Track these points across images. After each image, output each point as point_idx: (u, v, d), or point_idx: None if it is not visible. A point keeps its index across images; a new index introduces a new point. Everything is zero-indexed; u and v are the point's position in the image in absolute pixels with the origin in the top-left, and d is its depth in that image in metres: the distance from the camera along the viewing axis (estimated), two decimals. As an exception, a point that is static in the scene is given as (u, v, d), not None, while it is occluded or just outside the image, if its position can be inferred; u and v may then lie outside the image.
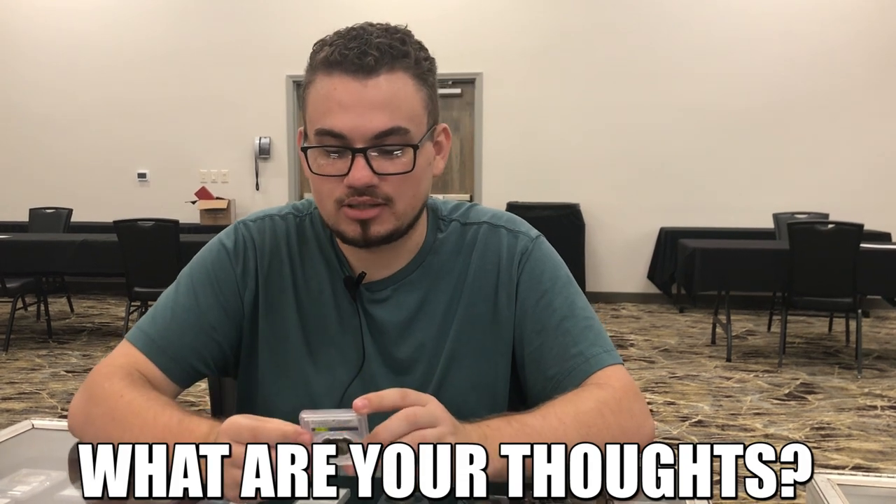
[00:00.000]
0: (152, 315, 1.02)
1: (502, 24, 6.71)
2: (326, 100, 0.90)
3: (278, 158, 7.12)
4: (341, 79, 0.89)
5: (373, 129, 0.89)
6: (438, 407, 0.77)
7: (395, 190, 0.92)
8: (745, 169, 6.52)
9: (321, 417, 0.71)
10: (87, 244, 4.98)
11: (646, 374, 4.33)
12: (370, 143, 0.89)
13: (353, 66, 0.89)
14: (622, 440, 0.89)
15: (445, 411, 0.77)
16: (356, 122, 0.88)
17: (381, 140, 0.90)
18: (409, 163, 0.91)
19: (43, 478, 0.85)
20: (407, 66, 0.91)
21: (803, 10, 6.37)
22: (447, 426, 0.75)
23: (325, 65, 0.91)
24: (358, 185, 0.89)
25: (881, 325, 5.76)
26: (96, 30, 7.14)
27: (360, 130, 0.89)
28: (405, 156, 0.91)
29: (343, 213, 0.92)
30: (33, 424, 1.02)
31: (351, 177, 0.89)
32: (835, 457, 3.07)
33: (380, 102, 0.89)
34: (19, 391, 3.99)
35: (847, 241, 4.19)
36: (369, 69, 0.89)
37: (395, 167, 0.91)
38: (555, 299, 1.01)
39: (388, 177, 0.91)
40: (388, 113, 0.89)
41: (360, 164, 0.89)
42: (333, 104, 0.89)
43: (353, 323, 1.01)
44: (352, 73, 0.89)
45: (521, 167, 6.79)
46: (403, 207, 0.93)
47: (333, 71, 0.90)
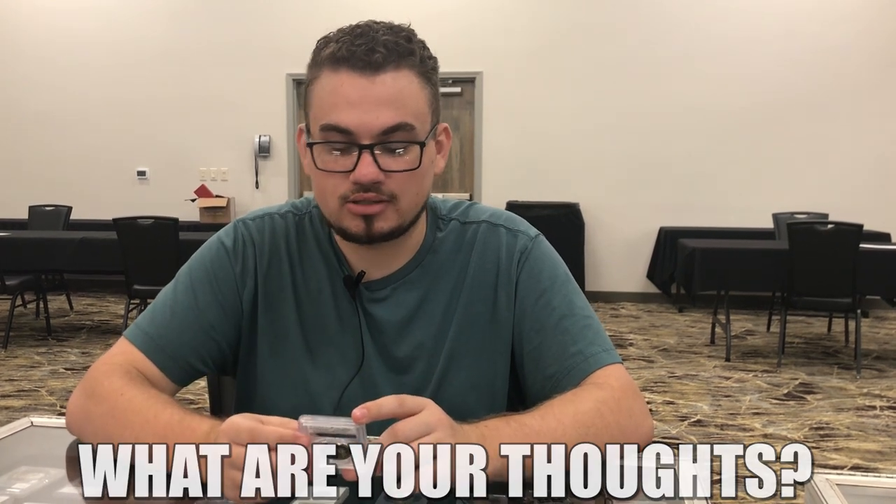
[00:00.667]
0: (151, 313, 1.02)
1: (502, 23, 6.70)
2: (332, 95, 0.90)
3: (278, 157, 7.12)
4: (348, 75, 0.89)
5: (379, 125, 0.89)
6: (433, 413, 0.76)
7: (400, 187, 0.92)
8: (745, 169, 6.52)
9: (320, 424, 0.71)
10: (87, 242, 4.98)
11: (645, 373, 4.33)
12: (377, 139, 0.89)
13: (361, 63, 0.89)
14: (621, 440, 0.88)
15: (442, 414, 0.77)
16: (363, 118, 0.88)
17: (387, 136, 0.89)
18: (414, 160, 0.92)
19: (42, 475, 0.85)
20: (412, 64, 0.91)
21: (803, 10, 6.37)
22: (443, 430, 0.75)
23: (331, 61, 0.90)
24: (364, 181, 0.89)
25: (880, 326, 5.76)
26: (96, 28, 7.14)
27: (367, 127, 0.89)
28: (410, 153, 0.92)
29: (347, 208, 0.92)
30: (32, 422, 1.02)
31: (357, 172, 0.89)
32: (833, 457, 3.07)
33: (386, 99, 0.89)
34: (18, 388, 3.99)
35: (846, 242, 4.19)
36: (377, 66, 0.89)
37: (400, 164, 0.91)
38: (554, 298, 1.01)
39: (394, 174, 0.91)
40: (395, 109, 0.89)
41: (366, 161, 0.89)
42: (340, 100, 0.89)
43: (353, 322, 1.01)
44: (359, 69, 0.89)
45: (520, 166, 6.79)
46: (407, 205, 0.93)
47: (340, 67, 0.90)
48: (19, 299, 5.32)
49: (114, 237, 4.74)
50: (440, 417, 0.76)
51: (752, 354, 4.80)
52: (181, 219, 4.92)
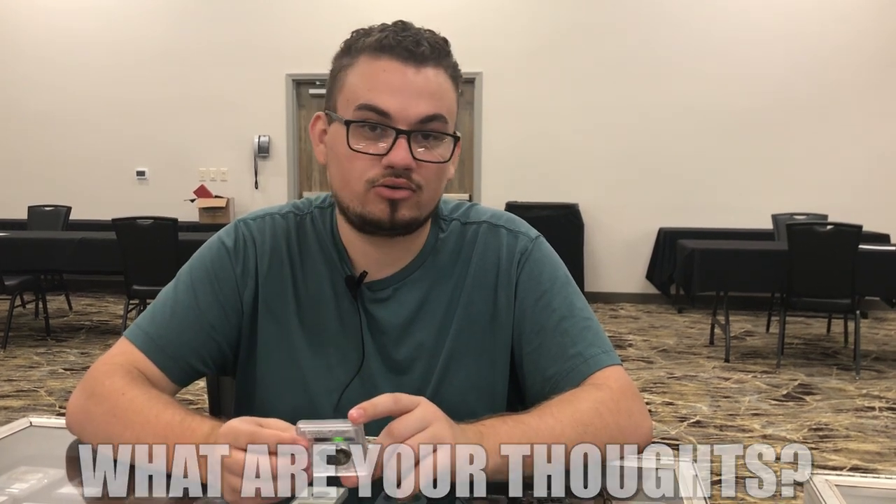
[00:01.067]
0: (151, 313, 1.01)
1: (502, 23, 6.71)
2: (373, 78, 0.91)
3: (277, 157, 7.12)
4: (391, 62, 0.91)
5: (418, 113, 0.90)
6: (428, 409, 0.76)
7: (426, 179, 0.93)
8: (744, 169, 6.52)
9: (318, 427, 0.71)
10: (86, 242, 4.98)
11: (644, 374, 4.33)
12: (414, 126, 0.91)
13: (406, 53, 0.91)
14: (620, 440, 0.89)
15: (437, 410, 0.76)
16: (403, 104, 0.90)
17: (424, 125, 0.91)
18: (445, 153, 0.94)
19: (41, 475, 0.85)
20: (449, 66, 0.94)
21: (802, 11, 6.37)
22: (440, 424, 0.75)
23: (374, 48, 0.91)
24: (399, 165, 0.90)
25: (879, 327, 5.77)
26: (96, 28, 7.13)
27: (406, 113, 0.90)
28: (442, 146, 0.94)
29: (374, 192, 0.92)
30: (31, 422, 1.02)
31: (393, 155, 0.90)
32: (832, 458, 3.07)
33: (428, 90, 0.91)
34: (17, 389, 3.99)
35: (846, 243, 4.19)
36: (422, 58, 0.91)
37: (432, 156, 0.93)
38: (553, 300, 1.01)
39: (424, 164, 0.92)
40: (434, 101, 0.91)
41: (402, 145, 0.90)
42: (381, 83, 0.91)
43: (353, 322, 1.01)
44: (403, 58, 0.91)
45: (520, 167, 6.79)
46: (428, 198, 0.95)
47: (383, 55, 0.91)
48: (18, 299, 5.32)
49: (113, 237, 4.74)
50: (436, 413, 0.76)
51: (752, 355, 4.80)
52: (180, 219, 4.91)
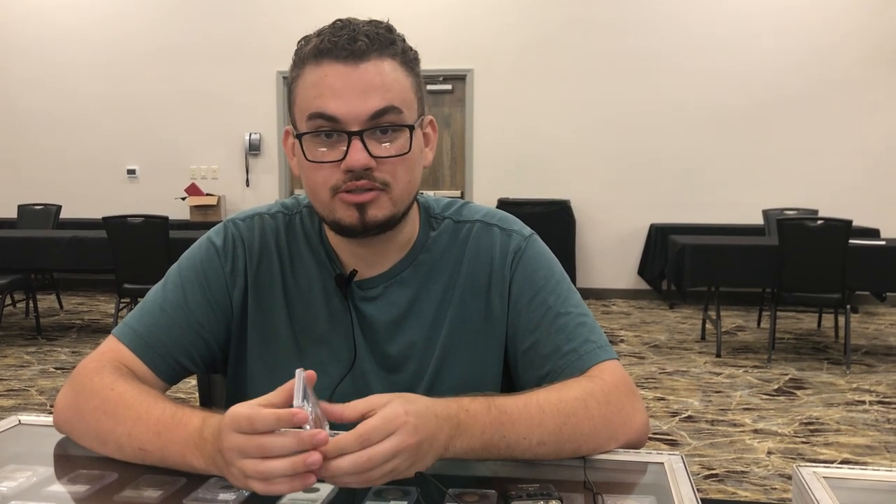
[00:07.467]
0: (140, 311, 1.01)
1: (493, 20, 6.71)
2: (316, 86, 0.90)
3: (268, 154, 7.10)
4: (331, 65, 0.89)
5: (367, 110, 0.89)
6: (396, 411, 0.73)
7: (392, 174, 0.91)
8: (735, 165, 6.54)
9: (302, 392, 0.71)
10: (77, 241, 4.96)
11: (636, 369, 4.34)
12: (365, 124, 0.89)
13: (344, 52, 0.89)
14: (605, 433, 0.89)
15: (406, 412, 0.73)
16: (349, 105, 0.88)
17: (376, 121, 0.90)
18: (404, 145, 0.91)
19: (30, 473, 0.84)
20: (394, 53, 0.92)
21: (794, 7, 6.39)
22: (405, 432, 0.72)
23: (314, 55, 0.90)
24: (356, 167, 0.89)
25: (870, 321, 5.80)
26: (86, 26, 7.10)
27: (354, 113, 0.89)
28: (400, 138, 0.91)
29: (339, 199, 0.91)
30: (20, 420, 1.02)
31: (349, 159, 0.89)
32: (823, 451, 3.09)
33: (371, 85, 0.89)
34: (8, 388, 3.97)
35: (836, 238, 4.21)
36: (360, 54, 0.89)
37: (390, 150, 0.91)
38: (548, 297, 1.01)
39: (385, 160, 0.90)
40: (381, 94, 0.89)
41: (357, 147, 0.89)
42: (325, 89, 0.89)
43: (344, 321, 1.01)
44: (342, 59, 0.89)
45: (512, 163, 6.80)
46: (399, 193, 0.93)
47: (323, 59, 0.90)
48: (8, 298, 5.29)
49: (103, 236, 4.72)
50: (406, 414, 0.73)
51: (743, 350, 4.82)
52: (171, 217, 4.90)
